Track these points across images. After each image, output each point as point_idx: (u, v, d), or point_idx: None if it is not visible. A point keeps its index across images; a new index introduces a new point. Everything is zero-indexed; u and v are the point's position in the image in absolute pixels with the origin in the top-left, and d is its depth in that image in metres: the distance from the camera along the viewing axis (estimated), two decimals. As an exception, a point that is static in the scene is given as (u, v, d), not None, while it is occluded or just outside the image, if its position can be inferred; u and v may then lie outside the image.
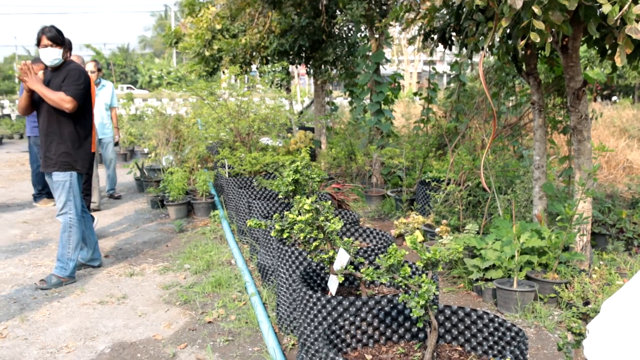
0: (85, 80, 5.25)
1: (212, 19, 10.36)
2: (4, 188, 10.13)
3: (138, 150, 14.04)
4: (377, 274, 2.77)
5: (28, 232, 7.08)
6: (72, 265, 5.28)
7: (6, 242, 6.69)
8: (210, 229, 6.98)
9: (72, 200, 5.26)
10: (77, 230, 5.29)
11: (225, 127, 8.09)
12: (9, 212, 8.24)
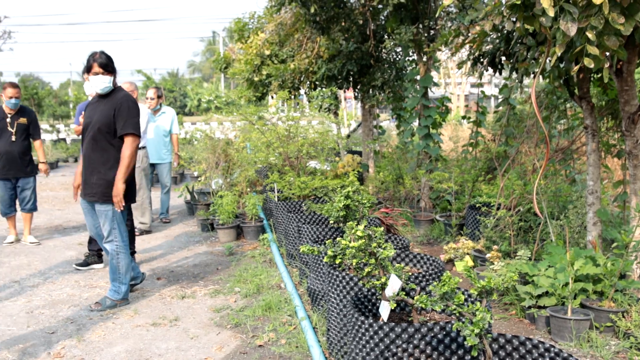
0: (138, 110, 5.32)
1: (261, 45, 10.53)
2: (60, 210, 10.41)
3: (188, 174, 14.30)
4: (431, 302, 2.77)
5: (83, 253, 7.24)
6: (125, 288, 5.38)
7: (62, 264, 6.87)
8: (260, 252, 7.04)
9: (117, 228, 5.30)
10: (125, 256, 5.37)
11: (274, 151, 8.19)
12: (65, 234, 8.47)
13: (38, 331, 4.84)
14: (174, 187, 13.04)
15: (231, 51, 13.45)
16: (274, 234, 7.49)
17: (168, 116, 9.13)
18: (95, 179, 5.20)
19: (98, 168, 5.20)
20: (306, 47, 9.80)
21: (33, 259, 7.11)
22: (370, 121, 10.79)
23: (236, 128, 10.56)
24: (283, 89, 9.97)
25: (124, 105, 5.18)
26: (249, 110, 8.41)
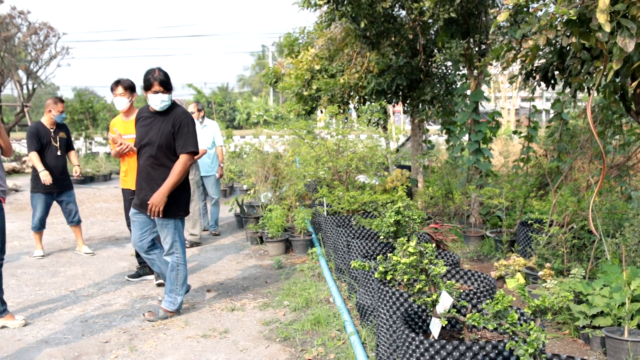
0: (195, 127, 5.38)
1: (311, 60, 10.61)
2: (113, 222, 10.65)
3: (237, 187, 14.45)
4: (484, 320, 2.74)
5: (135, 264, 7.38)
6: (180, 300, 5.48)
7: (116, 275, 7.02)
8: (308, 266, 7.07)
9: (178, 241, 5.42)
10: (184, 268, 5.49)
11: (323, 166, 8.22)
12: (118, 245, 8.66)
13: (92, 340, 4.95)
14: (224, 200, 13.21)
15: (280, 65, 13.60)
16: (322, 248, 7.51)
17: (211, 129, 9.26)
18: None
19: (160, 185, 5.24)
20: (356, 61, 9.84)
21: (87, 269, 7.28)
22: (419, 136, 10.74)
23: (285, 142, 10.65)
24: (332, 103, 10.02)
25: (184, 123, 5.24)
26: (299, 125, 8.47)
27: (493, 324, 2.71)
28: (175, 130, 5.22)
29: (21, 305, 5.88)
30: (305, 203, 9.33)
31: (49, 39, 21.66)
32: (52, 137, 7.66)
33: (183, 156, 5.21)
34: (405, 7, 8.23)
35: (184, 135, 5.21)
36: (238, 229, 9.88)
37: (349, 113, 11.42)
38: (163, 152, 5.25)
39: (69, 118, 21.24)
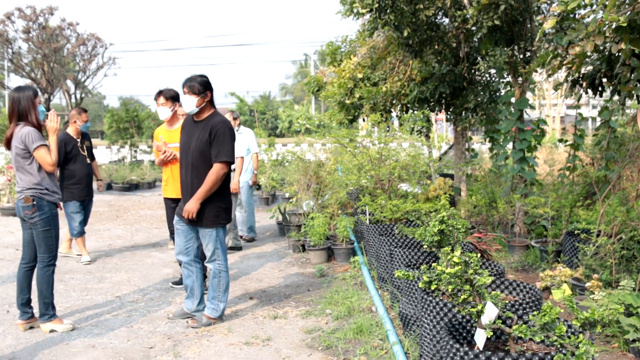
0: (233, 136, 5.38)
1: (353, 68, 10.63)
2: (157, 229, 10.81)
3: (279, 195, 14.51)
4: (531, 331, 2.70)
5: (179, 271, 7.46)
6: (222, 307, 5.52)
7: (160, 281, 7.12)
8: (351, 274, 7.06)
9: (220, 248, 5.46)
10: (226, 275, 5.52)
11: (365, 174, 8.21)
12: (162, 252, 8.78)
13: (137, 345, 5.03)
14: (266, 208, 13.28)
15: (322, 74, 13.64)
16: (364, 256, 7.49)
17: (246, 137, 9.31)
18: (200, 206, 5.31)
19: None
20: (398, 70, 9.82)
21: (133, 275, 7.40)
22: (462, 144, 10.65)
23: (327, 150, 10.68)
24: (375, 111, 10.01)
25: (220, 131, 5.23)
26: (341, 133, 8.48)
27: (540, 336, 2.67)
28: (211, 139, 5.23)
29: (69, 310, 6.01)
30: (347, 211, 9.33)
31: (96, 50, 22.10)
32: (79, 147, 7.95)
33: (216, 165, 5.22)
34: (448, 15, 8.19)
35: (219, 144, 5.22)
36: (280, 236, 9.92)
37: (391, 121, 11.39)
38: (202, 160, 5.28)
39: (114, 127, 21.65)
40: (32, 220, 5.23)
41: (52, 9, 20.90)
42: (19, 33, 20.69)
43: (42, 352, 4.89)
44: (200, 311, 5.64)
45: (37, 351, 4.91)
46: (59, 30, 21.39)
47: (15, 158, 5.25)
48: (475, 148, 13.19)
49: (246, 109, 55.35)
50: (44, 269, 5.33)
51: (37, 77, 20.91)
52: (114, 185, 17.18)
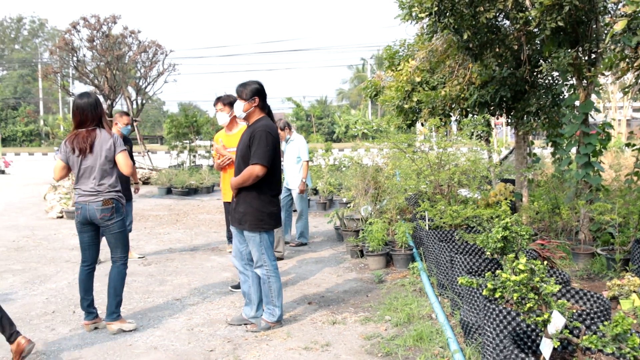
0: (272, 140, 5.34)
1: (411, 72, 10.54)
2: (216, 233, 10.94)
3: (337, 200, 14.50)
4: (602, 342, 2.60)
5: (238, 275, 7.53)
6: (279, 311, 5.53)
7: (219, 284, 7.19)
8: (409, 281, 6.98)
9: (265, 253, 5.45)
10: (276, 279, 5.50)
11: (424, 179, 8.12)
12: (221, 255, 8.87)
13: (198, 348, 5.09)
14: (324, 213, 13.29)
15: (379, 78, 13.58)
16: (424, 262, 7.40)
17: (296, 144, 9.36)
18: (243, 207, 5.39)
19: (244, 197, 5.39)
20: (458, 73, 9.69)
21: (192, 279, 7.50)
22: (524, 148, 10.42)
23: (385, 155, 10.62)
24: (433, 116, 9.90)
25: (257, 135, 5.28)
26: (400, 138, 8.42)
27: (612, 347, 2.57)
28: (250, 142, 5.31)
29: (131, 311, 6.13)
30: (406, 217, 9.24)
31: (157, 57, 22.59)
32: None
33: (250, 166, 5.26)
34: (509, 17, 8.03)
35: (254, 146, 5.26)
36: (337, 241, 9.90)
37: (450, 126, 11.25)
38: (246, 163, 5.35)
39: (174, 132, 22.03)
40: (109, 222, 5.38)
41: (115, 18, 21.49)
42: (83, 42, 21.35)
43: (107, 353, 5.00)
44: (258, 317, 5.65)
45: (102, 351, 5.02)
46: (122, 38, 21.96)
47: (100, 162, 5.35)
48: (537, 152, 12.90)
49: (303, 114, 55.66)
50: (120, 267, 5.55)
51: (100, 84, 21.50)
52: (173, 190, 17.48)
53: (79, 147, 5.32)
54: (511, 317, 3.65)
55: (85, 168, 5.34)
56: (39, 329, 5.61)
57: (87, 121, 5.35)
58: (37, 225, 11.91)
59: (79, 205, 5.37)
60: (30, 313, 6.12)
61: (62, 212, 12.78)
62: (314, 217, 12.82)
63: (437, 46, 9.83)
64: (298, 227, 9.70)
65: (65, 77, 24.70)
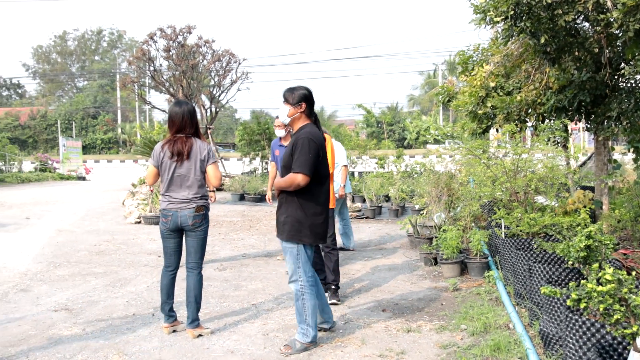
0: (314, 147, 5.10)
1: (486, 77, 10.36)
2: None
3: (409, 207, 14.42)
4: (697, 358, 2.49)
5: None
6: (312, 332, 5.23)
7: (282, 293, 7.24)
8: (485, 289, 6.86)
9: (302, 268, 5.21)
10: (310, 297, 5.21)
11: (500, 186, 7.97)
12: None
13: (273, 353, 5.15)
14: (396, 219, 13.24)
15: (450, 84, 13.41)
16: (499, 271, 7.26)
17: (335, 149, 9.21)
18: (284, 217, 5.19)
19: (285, 206, 5.21)
20: (534, 78, 9.46)
21: (267, 284, 7.59)
22: (604, 154, 10.08)
23: (458, 162, 10.47)
24: (509, 121, 9.69)
25: (299, 142, 5.07)
26: (474, 144, 8.29)
27: None
28: (293, 150, 5.11)
29: (208, 315, 6.25)
30: (480, 224, 9.08)
31: (230, 65, 23.02)
32: None
33: (292, 174, 5.06)
34: (589, 19, 7.79)
35: (296, 154, 5.05)
36: (410, 248, 9.83)
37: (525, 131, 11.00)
38: (287, 173, 5.17)
39: (246, 139, 22.37)
40: (199, 229, 5.54)
41: (190, 28, 22.06)
42: (160, 52, 22.00)
43: (185, 355, 5.12)
44: (326, 322, 5.60)
45: (181, 354, 5.14)
46: (196, 47, 22.51)
47: (194, 170, 5.48)
48: (618, 159, 12.46)
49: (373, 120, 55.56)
50: (198, 275, 5.68)
51: (175, 93, 22.09)
52: (246, 196, 17.73)
53: (177, 152, 5.44)
54: (596, 329, 3.54)
55: (178, 175, 5.47)
56: (121, 330, 5.80)
57: (186, 128, 5.48)
58: (116, 230, 12.32)
59: (168, 213, 5.49)
60: (112, 315, 6.34)
61: (140, 218, 13.18)
62: (385, 224, 12.78)
63: (513, 50, 9.64)
64: (344, 234, 9.72)
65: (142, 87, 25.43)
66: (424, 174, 11.96)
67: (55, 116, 59.88)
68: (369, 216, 13.75)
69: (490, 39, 11.20)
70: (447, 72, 55.74)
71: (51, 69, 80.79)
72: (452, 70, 52.22)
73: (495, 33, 10.19)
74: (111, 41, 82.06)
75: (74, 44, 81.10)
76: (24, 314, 6.45)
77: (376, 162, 20.64)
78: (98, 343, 5.46)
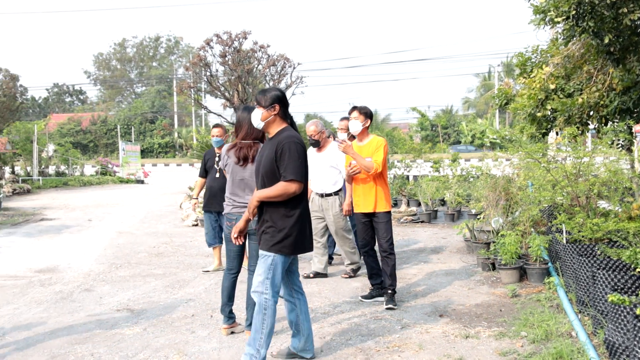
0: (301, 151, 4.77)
1: (545, 79, 10.14)
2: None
3: (465, 211, 14.24)
4: None
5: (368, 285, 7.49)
6: (263, 353, 4.72)
7: (349, 294, 7.23)
8: (545, 296, 6.69)
9: (271, 280, 4.73)
10: (272, 315, 4.74)
11: (561, 191, 7.78)
12: (349, 265, 8.91)
13: (330, 356, 5.14)
14: (452, 224, 13.08)
15: (507, 86, 13.17)
16: (560, 277, 7.07)
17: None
18: (265, 225, 4.79)
19: (267, 215, 4.80)
20: (596, 79, 9.22)
21: (323, 287, 7.59)
22: (670, 158, 9.76)
23: (516, 165, 10.27)
24: (569, 124, 9.47)
25: (285, 147, 4.70)
26: (534, 148, 8.12)
27: None
28: (278, 156, 4.72)
29: (265, 318, 6.27)
30: (540, 229, 8.88)
31: (285, 70, 23.14)
32: (215, 161, 8.29)
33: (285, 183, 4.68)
34: (655, 18, 7.55)
35: (284, 160, 4.68)
36: (467, 253, 9.68)
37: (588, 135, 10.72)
38: (269, 180, 4.78)
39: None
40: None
41: (245, 34, 22.28)
42: (216, 57, 22.29)
43: (243, 358, 5.15)
44: (307, 350, 5.08)
45: (239, 355, 5.17)
46: (252, 52, 22.72)
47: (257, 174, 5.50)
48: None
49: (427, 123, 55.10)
50: None
51: (231, 97, 22.35)
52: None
53: (242, 157, 5.48)
54: (666, 339, 3.41)
55: (241, 179, 5.52)
56: (180, 331, 5.89)
57: (253, 133, 5.53)
58: (174, 232, 12.54)
59: (232, 217, 5.54)
60: (172, 315, 6.44)
61: (197, 221, 13.38)
62: (441, 229, 12.64)
63: (574, 51, 9.40)
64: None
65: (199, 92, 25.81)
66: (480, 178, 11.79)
67: (115, 121, 61.40)
68: (425, 220, 13.62)
69: (550, 39, 10.96)
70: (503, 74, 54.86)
71: (111, 76, 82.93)
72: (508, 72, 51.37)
73: (555, 34, 9.97)
74: (168, 47, 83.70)
75: (132, 51, 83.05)
76: (88, 313, 6.63)
77: (431, 165, 20.46)
78: (159, 343, 5.56)
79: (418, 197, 15.05)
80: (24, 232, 12.98)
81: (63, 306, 6.94)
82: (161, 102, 68.18)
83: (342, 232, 8.07)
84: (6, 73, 26.49)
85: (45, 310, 6.78)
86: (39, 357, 5.26)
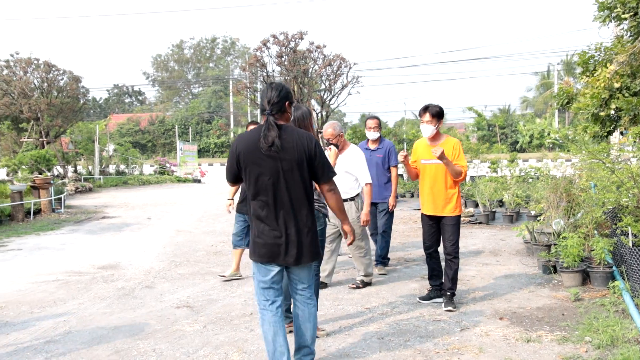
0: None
1: (609, 78, 9.86)
2: (400, 243, 10.96)
3: (524, 212, 13.97)
4: None
5: (426, 286, 7.44)
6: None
7: (407, 295, 7.18)
8: (610, 300, 6.50)
9: (254, 288, 4.58)
10: (262, 324, 4.53)
11: (626, 192, 7.55)
12: (407, 266, 8.87)
13: (389, 357, 5.12)
14: (510, 225, 12.87)
15: (566, 84, 12.85)
16: (626, 282, 6.87)
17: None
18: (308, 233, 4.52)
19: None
20: (664, 77, 8.91)
21: (380, 288, 7.56)
22: None
23: (579, 167, 10.04)
24: (636, 124, 9.18)
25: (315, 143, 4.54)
26: (598, 148, 7.90)
27: None
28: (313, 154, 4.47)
29: (322, 318, 6.28)
30: (604, 232, 8.64)
31: (341, 70, 23.16)
32: None
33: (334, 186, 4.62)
34: None
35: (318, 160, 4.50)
36: (527, 255, 9.50)
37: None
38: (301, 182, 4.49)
39: (357, 142, 22.44)
40: None
41: (302, 34, 22.41)
42: (272, 58, 22.48)
43: (301, 357, 5.17)
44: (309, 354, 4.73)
45: (297, 355, 5.20)
46: (308, 53, 22.83)
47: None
48: None
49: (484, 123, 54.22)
50: (317, 276, 5.76)
51: (287, 98, 22.51)
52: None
53: None
54: None
55: None
56: (239, 329, 5.95)
57: None
58: (231, 231, 12.66)
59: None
60: (230, 314, 6.52)
61: (253, 220, 13.48)
62: (500, 230, 12.44)
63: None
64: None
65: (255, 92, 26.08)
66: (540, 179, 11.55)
67: (173, 121, 62.46)
68: (482, 221, 13.42)
69: (614, 36, 10.64)
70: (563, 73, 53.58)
71: (169, 77, 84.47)
72: (568, 71, 50.13)
73: (621, 30, 9.68)
74: (225, 48, 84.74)
75: (190, 52, 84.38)
76: (150, 309, 6.77)
77: (488, 166, 20.16)
78: (218, 340, 5.64)
79: (476, 198, 14.84)
80: (87, 229, 13.37)
81: (125, 302, 7.11)
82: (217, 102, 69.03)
83: (356, 241, 7.52)
84: (70, 75, 27.25)
85: (108, 305, 6.96)
86: (103, 351, 5.40)
